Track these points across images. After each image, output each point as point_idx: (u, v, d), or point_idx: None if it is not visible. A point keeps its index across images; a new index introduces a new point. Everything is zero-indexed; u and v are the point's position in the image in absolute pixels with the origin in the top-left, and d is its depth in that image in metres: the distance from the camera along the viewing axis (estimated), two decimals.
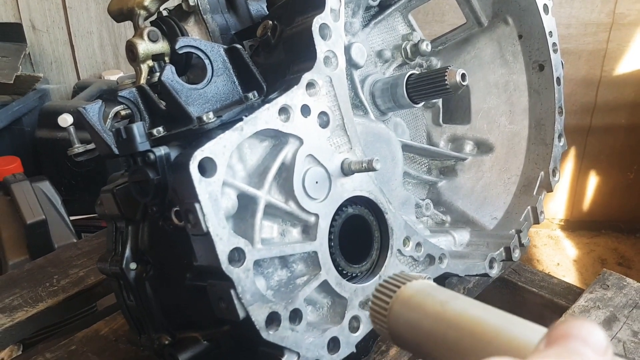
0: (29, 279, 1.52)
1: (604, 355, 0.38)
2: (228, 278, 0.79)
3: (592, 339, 0.38)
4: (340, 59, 0.98)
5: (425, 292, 0.66)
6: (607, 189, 3.30)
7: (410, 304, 0.66)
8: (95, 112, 0.97)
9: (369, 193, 1.01)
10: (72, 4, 3.24)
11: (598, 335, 0.38)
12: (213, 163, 0.78)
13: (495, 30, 1.51)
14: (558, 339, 0.38)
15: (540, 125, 1.47)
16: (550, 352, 0.38)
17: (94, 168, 2.46)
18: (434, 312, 0.62)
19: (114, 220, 1.00)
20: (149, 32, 1.14)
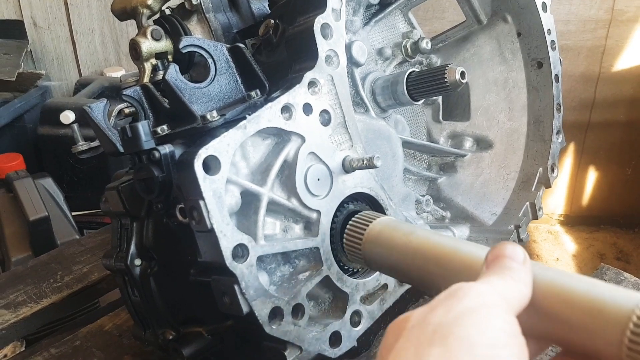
0: (33, 276, 1.53)
1: (524, 263, 0.57)
2: (232, 274, 0.81)
3: (514, 255, 0.57)
4: (342, 58, 0.99)
5: (391, 227, 0.84)
6: (606, 184, 3.32)
7: (380, 238, 0.84)
8: (100, 110, 0.99)
9: (370, 190, 1.02)
10: (73, 0, 3.25)
11: (518, 251, 0.58)
12: (217, 161, 0.80)
13: (495, 28, 1.52)
14: (494, 260, 0.58)
15: (538, 122, 1.49)
16: (491, 272, 0.56)
17: (95, 165, 2.47)
18: (401, 243, 0.79)
19: (119, 217, 1.02)
20: (152, 31, 1.15)
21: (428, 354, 0.46)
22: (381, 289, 1.04)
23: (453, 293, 0.52)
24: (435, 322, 0.49)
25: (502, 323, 0.49)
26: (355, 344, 0.98)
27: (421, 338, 0.48)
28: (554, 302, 0.57)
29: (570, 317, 0.56)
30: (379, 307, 1.03)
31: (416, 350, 0.47)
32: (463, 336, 0.46)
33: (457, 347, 0.46)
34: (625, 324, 0.52)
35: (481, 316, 0.49)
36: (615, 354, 0.52)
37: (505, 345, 0.47)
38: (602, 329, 0.54)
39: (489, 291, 0.52)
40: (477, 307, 0.50)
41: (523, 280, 0.56)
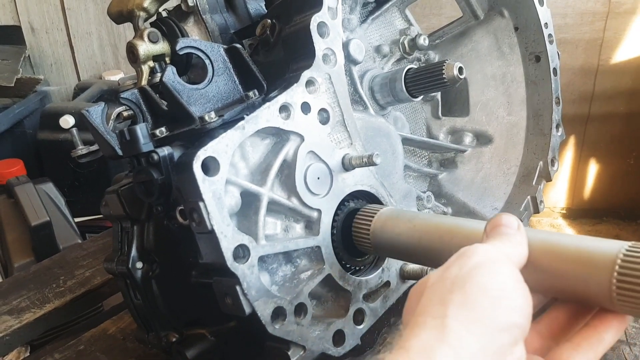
0: (36, 281, 1.53)
1: (519, 229, 0.66)
2: (233, 274, 0.80)
3: (510, 223, 0.66)
4: (339, 56, 0.99)
5: (395, 216, 0.92)
6: (607, 177, 3.31)
7: (386, 227, 0.91)
8: (98, 114, 0.99)
9: (370, 187, 1.02)
10: (70, 5, 3.25)
11: (512, 219, 0.67)
12: (216, 162, 0.80)
13: (492, 23, 1.52)
14: (492, 229, 0.67)
15: (538, 116, 1.49)
16: (491, 239, 0.66)
17: (96, 169, 2.47)
18: (406, 229, 0.87)
19: (120, 221, 1.02)
20: (149, 33, 1.15)
21: (450, 300, 0.55)
22: (384, 286, 1.04)
23: (463, 253, 0.61)
24: (452, 276, 0.58)
25: (509, 271, 0.59)
26: (359, 342, 0.98)
27: (442, 289, 0.57)
28: (548, 258, 0.65)
29: (563, 268, 0.63)
30: (382, 304, 1.02)
31: (440, 298, 0.56)
32: (478, 282, 0.56)
33: (474, 291, 0.55)
34: (612, 267, 0.59)
35: (490, 267, 0.58)
36: (606, 295, 0.59)
37: (513, 289, 0.57)
38: (592, 274, 0.61)
39: (493, 249, 0.62)
40: (486, 261, 0.59)
41: (519, 242, 0.65)
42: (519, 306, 0.56)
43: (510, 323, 0.55)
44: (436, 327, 0.53)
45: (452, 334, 0.52)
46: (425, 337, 0.53)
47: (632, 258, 0.58)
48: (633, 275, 0.57)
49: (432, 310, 0.56)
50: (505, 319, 0.54)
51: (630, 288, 0.57)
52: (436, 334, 0.52)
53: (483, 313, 0.54)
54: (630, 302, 0.58)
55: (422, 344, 0.52)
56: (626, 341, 1.22)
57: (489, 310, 0.54)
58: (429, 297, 0.58)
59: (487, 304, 0.54)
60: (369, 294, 1.01)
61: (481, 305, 0.54)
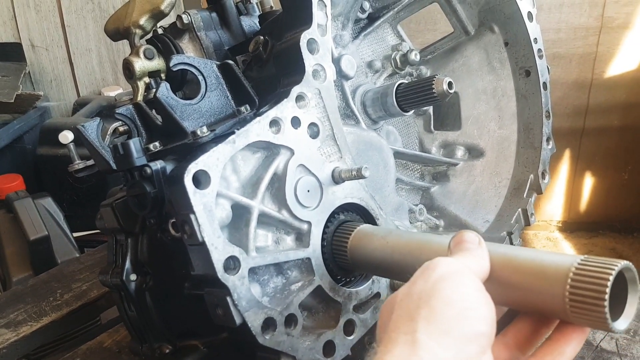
0: (33, 294, 1.55)
1: (480, 244, 0.69)
2: (224, 286, 0.82)
3: (471, 239, 0.70)
4: (329, 72, 1.01)
5: (370, 233, 0.95)
6: (602, 190, 3.32)
7: (361, 244, 0.95)
8: (93, 129, 1.01)
9: (360, 200, 1.04)
10: (70, 22, 3.29)
11: (473, 235, 0.71)
12: (207, 175, 0.82)
13: (482, 39, 1.54)
14: (455, 245, 0.71)
15: (528, 130, 1.51)
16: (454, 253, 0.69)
17: (95, 184, 2.48)
18: (380, 245, 0.91)
19: (114, 233, 1.03)
20: (145, 50, 1.18)
21: (418, 315, 0.58)
22: (374, 297, 1.06)
23: (426, 267, 0.65)
24: (418, 291, 0.61)
25: (471, 282, 0.62)
26: (349, 353, 0.99)
27: (410, 305, 0.60)
28: (507, 272, 0.68)
29: (521, 282, 0.66)
30: (372, 315, 1.04)
31: (408, 314, 0.59)
32: (442, 296, 0.59)
33: (440, 304, 0.58)
34: (565, 280, 0.61)
35: (453, 279, 0.61)
36: (561, 308, 0.62)
37: (476, 299, 0.60)
38: (547, 287, 0.63)
39: (455, 261, 0.65)
40: (448, 273, 0.62)
41: (481, 256, 0.68)
42: (483, 315, 0.58)
43: (477, 332, 0.57)
44: (407, 343, 0.56)
45: (423, 347, 0.55)
46: (398, 353, 0.55)
47: (584, 271, 0.60)
48: (584, 288, 0.60)
49: (402, 326, 0.58)
50: (471, 329, 0.57)
51: (582, 300, 0.60)
52: (408, 349, 0.55)
53: (450, 325, 0.56)
54: (583, 314, 0.60)
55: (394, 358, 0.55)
56: (617, 352, 1.23)
57: (455, 321, 0.57)
58: (398, 313, 0.61)
59: (453, 315, 0.57)
60: (359, 305, 1.02)
61: (447, 317, 0.57)
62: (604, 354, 1.22)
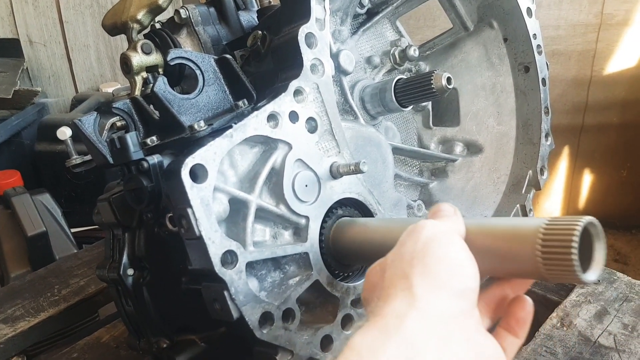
0: (31, 290, 1.55)
1: (455, 213, 0.74)
2: (221, 280, 0.82)
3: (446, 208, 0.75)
4: (327, 66, 1.01)
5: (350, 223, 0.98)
6: (601, 187, 3.32)
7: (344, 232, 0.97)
8: (90, 123, 1.01)
9: (358, 195, 1.04)
10: (68, 18, 3.28)
11: (449, 206, 0.75)
12: (204, 169, 0.81)
13: (481, 34, 1.54)
14: (433, 214, 0.74)
15: (527, 126, 1.50)
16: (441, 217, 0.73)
17: (93, 180, 2.48)
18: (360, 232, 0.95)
19: (111, 228, 1.03)
20: (143, 45, 1.17)
21: (412, 272, 0.62)
22: None
23: (412, 230, 0.68)
24: (409, 252, 0.65)
25: (459, 242, 0.66)
26: None
27: (403, 264, 0.64)
28: (481, 238, 0.71)
29: (494, 246, 0.70)
30: None
31: (402, 272, 0.63)
32: (435, 254, 0.63)
33: (433, 262, 0.62)
34: (535, 239, 0.65)
35: (443, 239, 0.65)
36: (534, 265, 0.65)
37: (465, 258, 0.64)
38: (520, 248, 0.67)
39: (441, 224, 0.69)
40: (436, 233, 0.66)
41: (456, 221, 0.72)
42: (472, 273, 0.63)
43: (467, 288, 0.62)
44: (405, 297, 0.60)
45: (421, 300, 0.59)
46: (398, 305, 0.59)
47: (552, 230, 0.65)
48: (554, 244, 0.64)
49: (398, 283, 0.62)
50: (462, 284, 0.62)
51: (553, 256, 0.64)
52: (406, 301, 0.59)
53: (443, 280, 0.61)
54: (556, 268, 0.64)
55: (395, 311, 0.59)
56: (615, 348, 1.23)
57: (448, 277, 0.61)
58: (392, 272, 0.65)
59: (446, 272, 0.62)
60: (357, 300, 1.02)
61: (441, 273, 0.62)
62: (601, 350, 1.21)
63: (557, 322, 1.30)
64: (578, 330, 1.27)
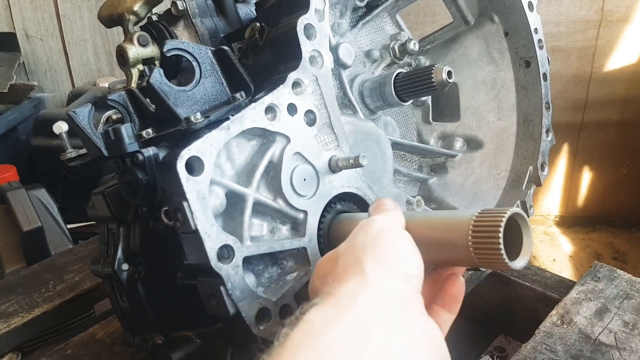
0: (25, 285, 1.53)
1: (396, 208, 0.79)
2: (217, 275, 0.80)
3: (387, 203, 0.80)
4: (326, 58, 0.99)
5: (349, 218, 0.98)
6: (600, 185, 3.32)
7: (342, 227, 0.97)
8: (85, 115, 0.99)
9: (357, 189, 1.02)
10: (65, 12, 3.26)
11: (389, 200, 0.81)
12: (200, 162, 0.80)
13: (482, 29, 1.52)
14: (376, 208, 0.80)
15: (528, 121, 1.49)
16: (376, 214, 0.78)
17: (89, 175, 2.47)
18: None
19: (106, 222, 1.01)
20: (139, 37, 1.15)
21: (364, 258, 0.67)
22: None
23: (364, 224, 0.74)
24: (361, 243, 0.70)
25: (405, 234, 0.72)
26: None
27: (356, 252, 0.69)
28: (421, 230, 0.76)
29: (433, 237, 0.76)
30: None
31: (355, 258, 0.67)
32: (384, 243, 0.69)
33: (383, 250, 0.68)
34: (467, 230, 0.70)
35: (391, 232, 0.72)
36: (466, 254, 0.71)
37: (411, 248, 0.70)
38: (453, 238, 0.73)
39: (388, 219, 0.76)
40: (385, 227, 0.72)
41: (397, 214, 0.78)
42: (416, 262, 0.69)
43: (413, 274, 0.68)
44: (358, 279, 0.64)
45: (372, 282, 0.63)
46: (351, 285, 0.64)
47: (481, 221, 0.70)
48: (482, 235, 0.69)
49: (351, 268, 0.67)
50: (409, 271, 0.67)
51: (482, 246, 0.69)
52: (359, 283, 0.63)
53: (393, 266, 0.66)
54: (485, 257, 0.70)
55: (348, 290, 0.63)
56: (616, 346, 1.21)
57: (397, 264, 0.67)
58: (345, 260, 0.69)
59: (395, 259, 0.67)
60: None
61: (390, 260, 0.67)
62: (602, 347, 1.20)
63: (557, 319, 1.29)
64: (578, 328, 1.26)
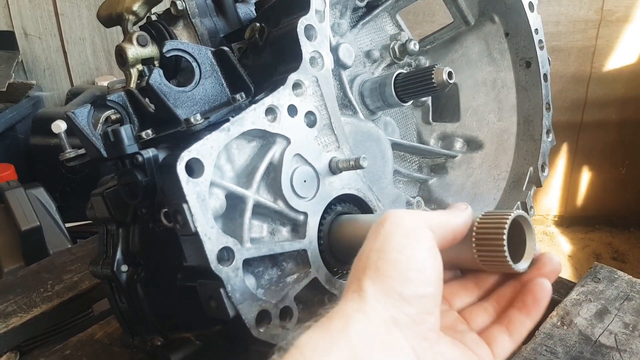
0: (23, 285, 1.52)
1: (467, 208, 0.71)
2: (217, 277, 0.80)
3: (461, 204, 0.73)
4: (326, 59, 0.99)
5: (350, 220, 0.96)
6: (600, 185, 3.32)
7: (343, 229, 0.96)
8: (84, 116, 0.98)
9: (357, 191, 1.01)
10: (64, 10, 3.25)
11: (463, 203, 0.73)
12: (200, 164, 0.79)
13: (482, 29, 1.52)
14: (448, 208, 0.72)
15: (528, 122, 1.49)
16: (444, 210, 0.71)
17: (88, 174, 2.46)
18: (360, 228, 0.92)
19: (105, 223, 1.01)
20: (138, 37, 1.15)
21: (364, 275, 0.62)
22: None
23: (377, 222, 0.67)
24: (367, 251, 0.65)
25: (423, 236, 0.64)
26: None
27: (359, 266, 0.64)
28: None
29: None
30: None
31: (357, 276, 0.63)
32: (388, 258, 0.62)
33: (384, 266, 0.61)
34: (470, 232, 0.70)
35: (401, 238, 0.63)
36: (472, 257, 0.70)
37: (423, 260, 0.62)
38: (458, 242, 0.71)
39: (409, 213, 0.67)
40: (397, 229, 0.64)
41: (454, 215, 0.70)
42: (427, 278, 0.62)
43: (418, 295, 0.61)
44: (355, 299, 0.60)
45: (368, 304, 0.59)
46: (346, 307, 0.60)
47: (485, 224, 0.69)
48: (486, 238, 0.68)
49: (351, 286, 0.63)
50: (412, 291, 0.61)
51: (486, 249, 0.68)
52: (355, 304, 0.60)
53: (392, 287, 0.60)
54: (489, 260, 0.69)
55: (343, 313, 0.59)
56: (616, 347, 1.21)
57: (398, 283, 0.60)
58: (352, 273, 0.65)
59: (396, 277, 0.61)
60: None
61: (391, 279, 0.61)
62: (602, 349, 1.20)
63: (557, 320, 1.28)
64: (579, 329, 1.25)
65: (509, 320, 0.70)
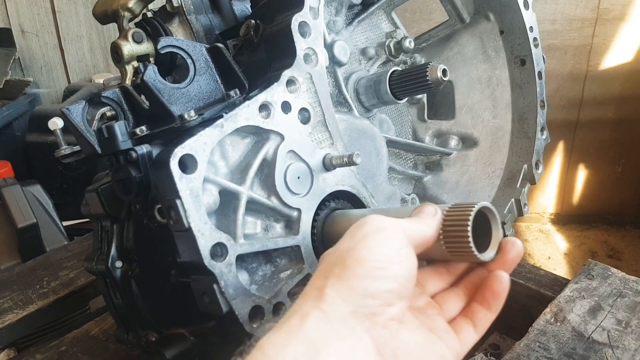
0: (19, 282, 1.53)
1: (435, 214, 0.73)
2: (210, 273, 0.80)
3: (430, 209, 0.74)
4: (320, 56, 0.99)
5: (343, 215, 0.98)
6: (596, 183, 3.33)
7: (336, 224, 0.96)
8: (78, 112, 0.98)
9: (351, 187, 1.02)
10: (61, 8, 3.25)
11: (431, 206, 0.74)
12: (193, 160, 0.80)
13: (477, 27, 1.52)
14: (417, 213, 0.74)
15: (523, 119, 1.49)
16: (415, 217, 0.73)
17: (84, 172, 2.46)
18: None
19: (99, 220, 1.01)
20: (134, 34, 1.15)
21: (331, 272, 0.63)
22: None
23: (357, 224, 0.69)
24: (341, 249, 0.66)
25: (393, 241, 0.66)
26: None
27: (329, 263, 0.65)
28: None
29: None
30: None
31: (324, 272, 0.64)
32: (356, 255, 0.64)
33: (351, 263, 0.63)
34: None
35: (374, 238, 0.65)
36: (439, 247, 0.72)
37: (390, 258, 0.64)
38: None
39: (387, 219, 0.69)
40: (373, 231, 0.66)
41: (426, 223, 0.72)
42: (394, 274, 0.63)
43: (382, 290, 0.62)
44: (315, 297, 0.62)
45: (327, 301, 0.60)
46: (304, 304, 0.62)
47: (451, 215, 0.72)
48: (452, 229, 0.71)
49: (315, 282, 0.64)
50: (376, 287, 0.62)
51: (452, 239, 0.70)
52: (314, 301, 0.61)
53: (357, 282, 0.61)
54: (455, 250, 0.71)
55: (300, 310, 0.61)
56: (609, 344, 1.22)
57: (362, 280, 0.62)
58: (319, 269, 0.66)
59: (361, 274, 0.62)
60: None
61: (356, 275, 0.62)
62: (595, 345, 1.21)
63: (550, 317, 1.29)
64: (572, 326, 1.26)
65: (472, 313, 0.73)
